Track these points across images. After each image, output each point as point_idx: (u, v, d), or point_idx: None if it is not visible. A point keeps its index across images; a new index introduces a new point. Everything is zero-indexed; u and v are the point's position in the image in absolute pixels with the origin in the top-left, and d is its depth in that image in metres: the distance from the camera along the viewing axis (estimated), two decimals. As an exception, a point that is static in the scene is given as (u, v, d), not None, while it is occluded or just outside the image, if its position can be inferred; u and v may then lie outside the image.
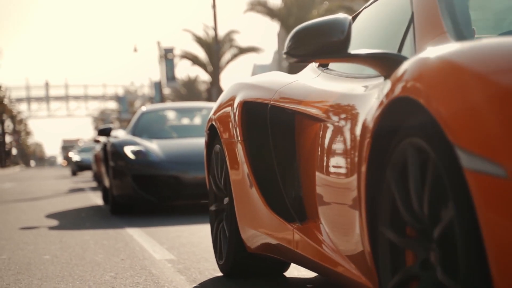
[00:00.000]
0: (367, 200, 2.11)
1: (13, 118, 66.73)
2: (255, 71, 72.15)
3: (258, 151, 3.21)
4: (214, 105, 3.82)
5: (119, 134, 8.94)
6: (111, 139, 8.53)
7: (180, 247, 4.97)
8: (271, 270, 3.63)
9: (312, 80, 3.07)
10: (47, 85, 71.52)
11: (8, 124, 66.19)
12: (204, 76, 57.93)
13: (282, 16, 33.05)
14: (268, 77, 3.42)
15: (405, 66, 1.89)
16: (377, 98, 2.08)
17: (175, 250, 4.82)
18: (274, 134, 3.09)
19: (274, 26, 50.54)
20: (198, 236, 5.62)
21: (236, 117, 3.33)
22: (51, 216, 8.33)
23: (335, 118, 2.56)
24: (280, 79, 3.28)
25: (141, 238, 5.65)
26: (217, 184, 3.73)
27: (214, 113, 3.68)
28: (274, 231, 3.04)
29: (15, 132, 71.52)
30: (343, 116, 2.50)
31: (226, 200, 3.60)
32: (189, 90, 56.33)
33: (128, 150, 8.03)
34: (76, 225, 7.01)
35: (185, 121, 9.87)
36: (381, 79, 2.38)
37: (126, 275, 3.90)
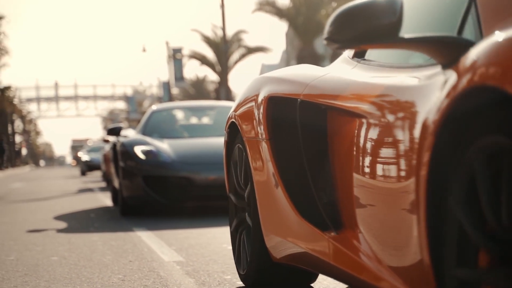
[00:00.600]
0: (427, 208, 1.81)
1: (23, 118, 66.98)
2: (263, 71, 72.09)
3: (286, 151, 2.90)
4: (234, 102, 3.52)
5: (129, 133, 8.75)
6: (121, 139, 8.33)
7: (188, 249, 4.93)
8: (297, 281, 3.30)
9: (348, 72, 2.73)
10: (56, 85, 71.73)
11: (18, 124, 66.45)
12: (212, 76, 57.94)
13: (291, 16, 32.98)
14: (296, 70, 3.10)
15: (476, 51, 1.64)
16: (439, 90, 1.80)
17: (184, 252, 4.78)
18: (304, 132, 2.76)
19: (282, 26, 50.36)
20: (207, 238, 5.58)
21: (261, 114, 3.02)
22: (59, 216, 8.32)
23: (380, 114, 2.24)
24: (311, 72, 2.95)
25: (149, 239, 5.61)
26: (238, 186, 3.43)
27: (235, 110, 3.38)
28: (304, 239, 2.74)
29: (25, 132, 71.76)
30: (391, 112, 2.19)
31: (247, 204, 3.31)
32: (198, 90, 56.34)
33: (139, 150, 7.81)
34: (85, 226, 6.99)
35: (197, 120, 9.66)
36: (437, 68, 2.04)
37: (134, 277, 3.87)
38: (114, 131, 8.80)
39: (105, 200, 11.30)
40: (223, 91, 33.12)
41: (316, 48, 35.18)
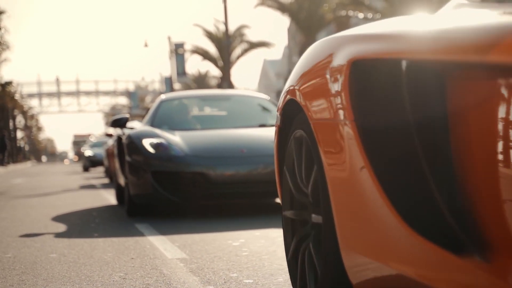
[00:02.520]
0: None
1: (24, 113, 66.90)
2: (265, 66, 71.98)
3: (383, 136, 1.95)
4: (292, 73, 2.63)
5: (136, 125, 7.92)
6: (127, 131, 7.57)
7: (192, 245, 4.77)
8: None
9: (481, 16, 1.84)
10: (57, 80, 71.61)
11: (20, 120, 66.38)
12: (214, 71, 57.78)
13: (293, 11, 32.79)
14: (394, 22, 2.10)
15: None
16: None
17: (187, 249, 4.62)
18: (416, 107, 1.86)
19: (284, 21, 50.27)
20: (211, 234, 5.41)
21: (341, 85, 2.08)
22: (60, 212, 8.16)
23: None
24: (418, 22, 1.99)
25: (151, 235, 5.45)
26: (298, 185, 2.58)
27: (296, 83, 2.49)
28: (417, 264, 1.81)
29: (27, 128, 71.68)
30: None
31: (314, 208, 2.43)
32: (200, 85, 56.16)
33: (147, 143, 6.93)
34: (85, 222, 6.83)
35: (210, 110, 8.69)
36: None
37: (136, 275, 3.70)
38: (119, 123, 7.85)
39: (108, 197, 11.14)
40: (225, 86, 32.94)
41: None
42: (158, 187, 6.73)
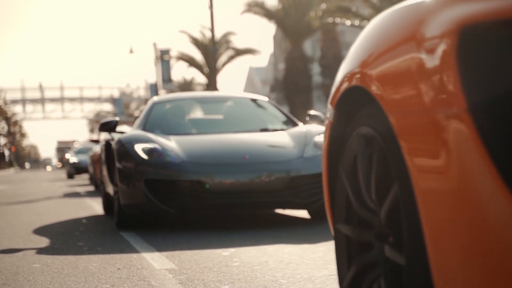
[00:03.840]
0: None
1: (7, 119, 66.31)
2: (250, 73, 71.98)
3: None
4: (351, 55, 2.00)
5: (126, 130, 7.40)
6: (117, 135, 7.02)
7: (180, 255, 4.61)
8: None
9: None
10: (41, 87, 71.12)
11: (3, 126, 65.79)
12: (200, 78, 57.58)
13: (280, 18, 32.72)
14: None
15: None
16: None
17: (175, 258, 4.46)
18: None
19: (270, 29, 50.28)
20: (199, 242, 5.25)
21: (445, 62, 1.42)
22: (44, 220, 7.96)
23: None
24: None
25: (137, 244, 5.28)
26: (361, 196, 1.98)
27: (363, 67, 1.85)
28: None
29: (10, 134, 71.06)
30: None
31: (393, 241, 1.80)
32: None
33: (139, 148, 6.33)
34: (69, 230, 6.64)
35: (206, 113, 8.03)
36: None
37: (123, 287, 3.54)
38: (108, 126, 7.17)
39: (93, 204, 10.93)
40: (211, 93, 32.74)
41: (305, 50, 34.93)
42: (151, 197, 6.10)
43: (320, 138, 6.47)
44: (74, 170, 27.88)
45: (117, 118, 7.45)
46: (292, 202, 6.13)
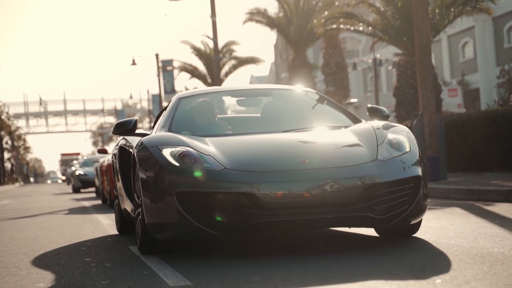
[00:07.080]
0: None
1: (11, 134, 66.24)
2: (252, 82, 71.79)
3: None
4: None
5: (147, 132, 6.20)
6: (136, 139, 5.86)
7: (195, 270, 4.31)
8: None
9: None
10: (43, 102, 71.07)
11: (7, 140, 65.70)
12: (203, 88, 57.43)
13: (282, 26, 32.55)
14: None
15: None
16: None
17: (190, 274, 4.16)
18: None
19: (271, 38, 50.14)
20: (214, 256, 4.94)
21: None
22: (48, 235, 7.67)
23: None
24: None
25: (147, 259, 4.98)
26: None
27: None
28: None
29: (14, 148, 70.95)
30: None
31: None
32: (189, 103, 55.86)
33: (168, 153, 4.96)
34: (76, 246, 6.35)
35: (245, 110, 6.97)
36: None
37: (136, 308, 3.25)
38: (125, 127, 5.89)
39: (98, 216, 10.65)
40: (215, 103, 32.53)
41: (308, 57, 34.73)
42: (186, 214, 4.71)
43: (394, 136, 5.19)
44: (80, 184, 26.67)
45: (135, 117, 6.12)
46: (367, 218, 4.74)
